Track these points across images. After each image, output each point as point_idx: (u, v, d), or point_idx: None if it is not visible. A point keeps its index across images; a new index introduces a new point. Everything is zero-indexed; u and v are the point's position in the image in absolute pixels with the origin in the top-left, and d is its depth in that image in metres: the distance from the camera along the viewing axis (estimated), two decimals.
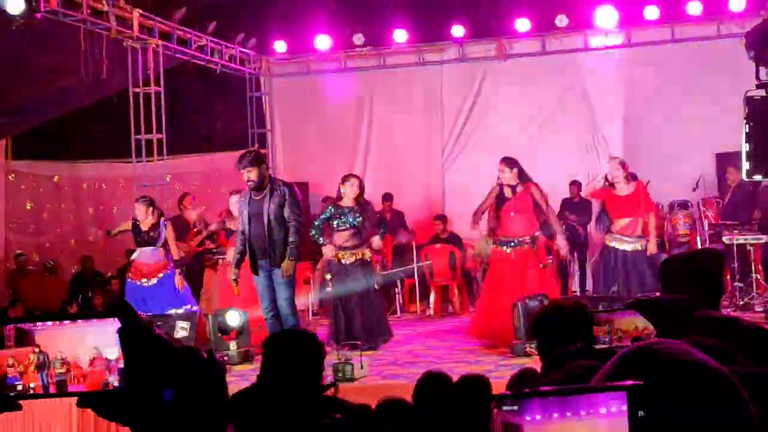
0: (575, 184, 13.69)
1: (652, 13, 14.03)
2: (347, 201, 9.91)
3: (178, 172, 14.88)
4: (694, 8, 13.89)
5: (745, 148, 9.18)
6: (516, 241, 9.67)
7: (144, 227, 10.45)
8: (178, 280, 10.42)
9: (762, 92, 9.32)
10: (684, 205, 12.69)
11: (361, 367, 8.11)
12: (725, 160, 13.29)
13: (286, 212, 8.71)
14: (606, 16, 14.10)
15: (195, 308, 10.29)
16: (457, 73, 15.28)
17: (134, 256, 10.52)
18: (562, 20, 14.32)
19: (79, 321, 1.07)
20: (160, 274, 10.38)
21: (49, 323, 1.06)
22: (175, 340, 1.08)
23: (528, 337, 8.38)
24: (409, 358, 9.34)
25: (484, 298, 10.16)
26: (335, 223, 9.87)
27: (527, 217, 9.75)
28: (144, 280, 10.36)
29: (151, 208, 10.53)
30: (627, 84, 14.50)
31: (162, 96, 12.67)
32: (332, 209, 9.93)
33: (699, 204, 12.61)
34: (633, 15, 14.15)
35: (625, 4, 14.04)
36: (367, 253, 9.98)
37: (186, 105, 14.30)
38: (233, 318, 9.35)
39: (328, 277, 9.97)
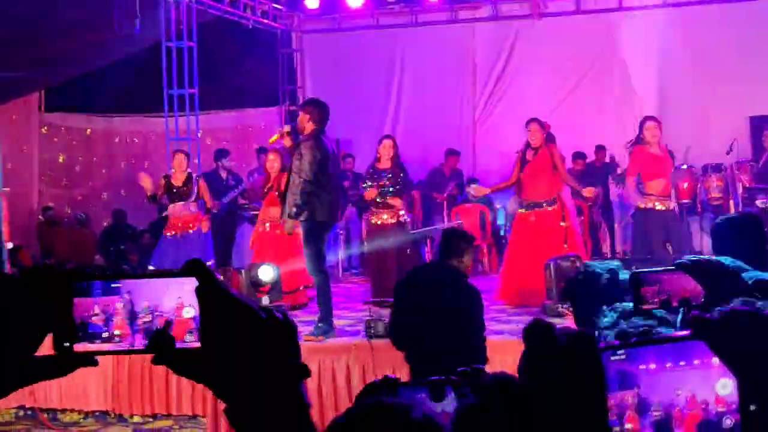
0: (601, 150, 13.70)
1: None
2: (384, 162, 9.98)
3: (209, 128, 14.92)
4: None
5: None
6: (539, 203, 9.71)
7: (177, 182, 10.50)
8: (205, 226, 10.51)
9: None
10: (717, 168, 12.55)
11: None
12: (760, 123, 13.16)
13: (295, 167, 8.24)
14: None
15: (210, 262, 10.35)
16: (489, 33, 15.17)
17: (168, 211, 10.57)
18: None
19: (157, 279, 1.08)
20: (194, 227, 10.45)
21: (131, 280, 1.08)
22: (251, 300, 1.09)
23: (560, 298, 8.38)
24: None
25: (509, 261, 10.15)
26: (371, 183, 9.93)
27: (548, 178, 9.80)
28: (177, 233, 10.43)
29: (187, 162, 10.64)
30: (661, 45, 14.32)
31: (194, 51, 12.67)
32: (370, 171, 10.04)
33: (733, 167, 12.49)
34: None
35: None
36: (402, 214, 10.06)
37: (218, 60, 14.28)
38: (266, 272, 9.39)
39: (365, 236, 10.07)
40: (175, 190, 10.47)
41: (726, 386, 1.04)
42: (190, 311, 1.07)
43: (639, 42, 14.44)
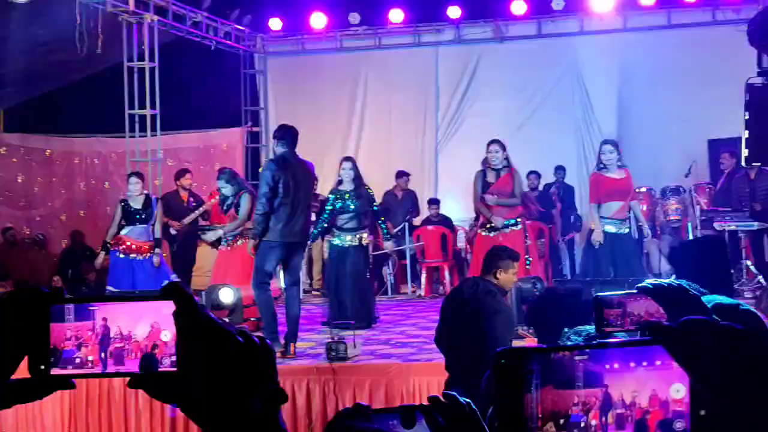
0: (561, 170, 13.84)
1: None
2: (346, 185, 10.03)
3: (171, 148, 14.85)
4: None
5: (744, 135, 9.24)
6: (500, 223, 9.76)
7: (136, 205, 10.42)
8: (156, 260, 10.45)
9: (762, 80, 9.37)
10: (676, 190, 12.74)
11: (354, 347, 8.15)
12: (718, 147, 13.37)
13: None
14: (602, 0, 14.12)
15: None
16: (452, 55, 15.29)
17: (123, 231, 10.45)
18: (558, 3, 14.34)
19: (134, 302, 1.09)
20: (150, 253, 10.38)
21: (105, 304, 1.08)
22: (228, 324, 1.10)
23: (520, 319, 8.42)
24: (401, 338, 9.39)
25: None
26: (337, 205, 9.98)
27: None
28: (133, 255, 10.35)
29: (142, 183, 10.59)
30: (621, 69, 14.53)
31: (156, 71, 12.64)
32: (333, 194, 10.09)
33: (691, 190, 12.67)
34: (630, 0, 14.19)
35: None
36: (365, 237, 10.10)
37: (180, 81, 14.24)
38: (227, 295, 9.37)
39: (326, 256, 10.11)
40: (133, 213, 10.37)
41: (679, 391, 1.09)
42: (167, 335, 1.08)
43: (599, 65, 14.62)
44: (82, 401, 8.20)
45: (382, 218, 10.51)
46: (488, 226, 9.87)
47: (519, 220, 9.89)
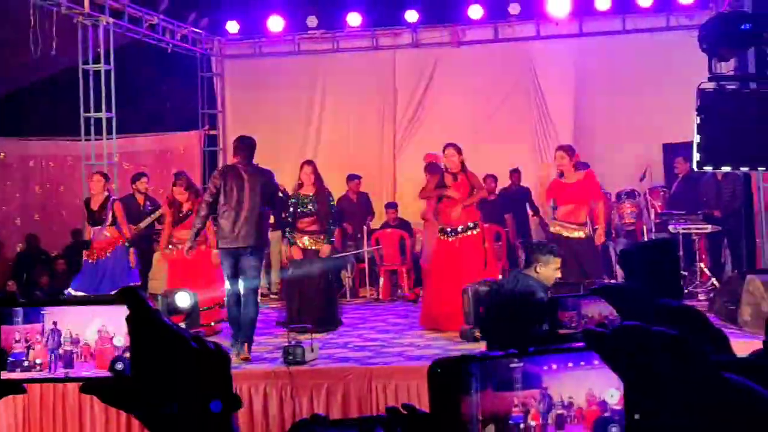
0: (516, 173, 13.91)
1: (603, 3, 14.19)
2: (306, 188, 10.08)
3: (127, 152, 14.73)
4: (645, 0, 14.09)
5: (696, 139, 9.36)
6: (459, 228, 9.81)
7: (94, 206, 10.38)
8: (132, 260, 10.43)
9: (713, 84, 9.51)
10: (631, 194, 12.87)
11: (312, 350, 8.14)
12: (672, 151, 13.54)
13: None
14: (558, 5, 14.23)
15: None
16: (410, 59, 15.32)
17: (91, 236, 10.47)
18: (514, 8, 14.43)
19: (88, 306, 1.08)
20: (110, 250, 10.33)
21: (57, 307, 1.07)
22: (184, 330, 1.09)
23: (477, 322, 8.46)
24: (359, 341, 9.39)
25: (429, 287, 10.24)
26: (298, 210, 10.02)
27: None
28: (95, 259, 10.32)
29: (104, 184, 10.52)
30: (578, 73, 14.66)
31: (112, 74, 12.53)
32: (294, 198, 10.16)
33: (646, 193, 12.81)
34: (585, 5, 14.30)
35: None
36: (325, 239, 10.12)
37: (136, 84, 14.14)
38: (183, 299, 9.30)
39: (286, 260, 10.13)
40: (92, 214, 10.35)
41: (613, 396, 1.11)
42: (120, 339, 1.07)
43: (555, 70, 14.75)
44: (37, 405, 8.11)
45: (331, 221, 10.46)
46: (448, 230, 9.88)
47: (477, 223, 9.93)
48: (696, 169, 9.90)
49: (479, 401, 1.06)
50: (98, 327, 1.06)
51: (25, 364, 1.06)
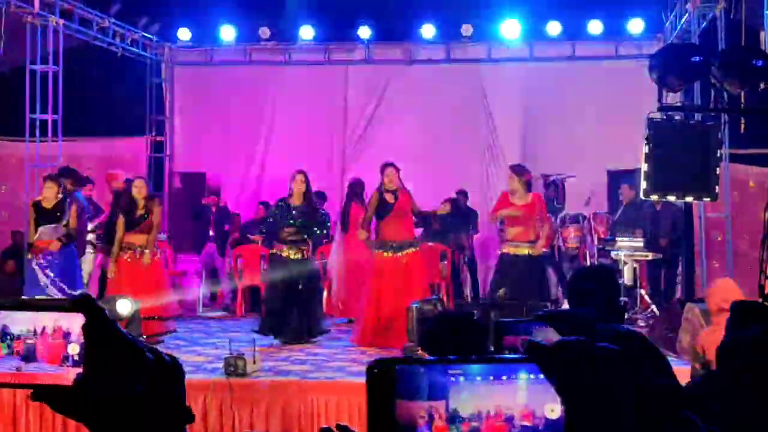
0: (462, 193, 13.90)
1: (554, 28, 14.38)
2: (295, 198, 10.03)
3: (73, 155, 14.49)
4: (595, 27, 14.32)
5: (643, 167, 9.49)
6: (403, 244, 9.86)
7: (47, 205, 10.20)
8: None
9: (662, 114, 9.67)
10: (575, 218, 13.00)
11: (254, 362, 8.08)
12: (616, 177, 13.73)
13: None
14: (510, 29, 14.38)
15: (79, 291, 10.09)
16: (362, 75, 15.34)
17: (36, 236, 10.22)
18: (467, 29, 14.55)
19: (42, 312, 1.07)
20: (56, 247, 10.13)
21: (8, 312, 1.06)
22: (138, 340, 1.08)
23: (420, 341, 8.47)
24: (301, 356, 9.35)
25: (370, 303, 10.16)
26: (281, 218, 9.99)
27: (410, 219, 10.17)
28: (41, 257, 10.10)
29: (57, 190, 10.34)
30: (526, 96, 14.79)
31: (60, 76, 12.37)
32: (280, 205, 10.10)
33: (590, 218, 12.95)
34: (537, 29, 14.48)
35: (529, 19, 14.34)
36: (307, 250, 10.17)
37: (84, 87, 13.97)
38: (124, 306, 9.17)
39: (266, 268, 10.21)
40: (45, 214, 10.14)
41: (554, 410, 1.13)
42: (75, 347, 1.06)
43: (505, 92, 14.87)
44: None
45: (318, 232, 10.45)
46: (394, 245, 9.92)
47: (415, 240, 10.05)
48: (642, 197, 10.05)
49: (397, 409, 1.08)
50: (54, 333, 1.05)
51: None
